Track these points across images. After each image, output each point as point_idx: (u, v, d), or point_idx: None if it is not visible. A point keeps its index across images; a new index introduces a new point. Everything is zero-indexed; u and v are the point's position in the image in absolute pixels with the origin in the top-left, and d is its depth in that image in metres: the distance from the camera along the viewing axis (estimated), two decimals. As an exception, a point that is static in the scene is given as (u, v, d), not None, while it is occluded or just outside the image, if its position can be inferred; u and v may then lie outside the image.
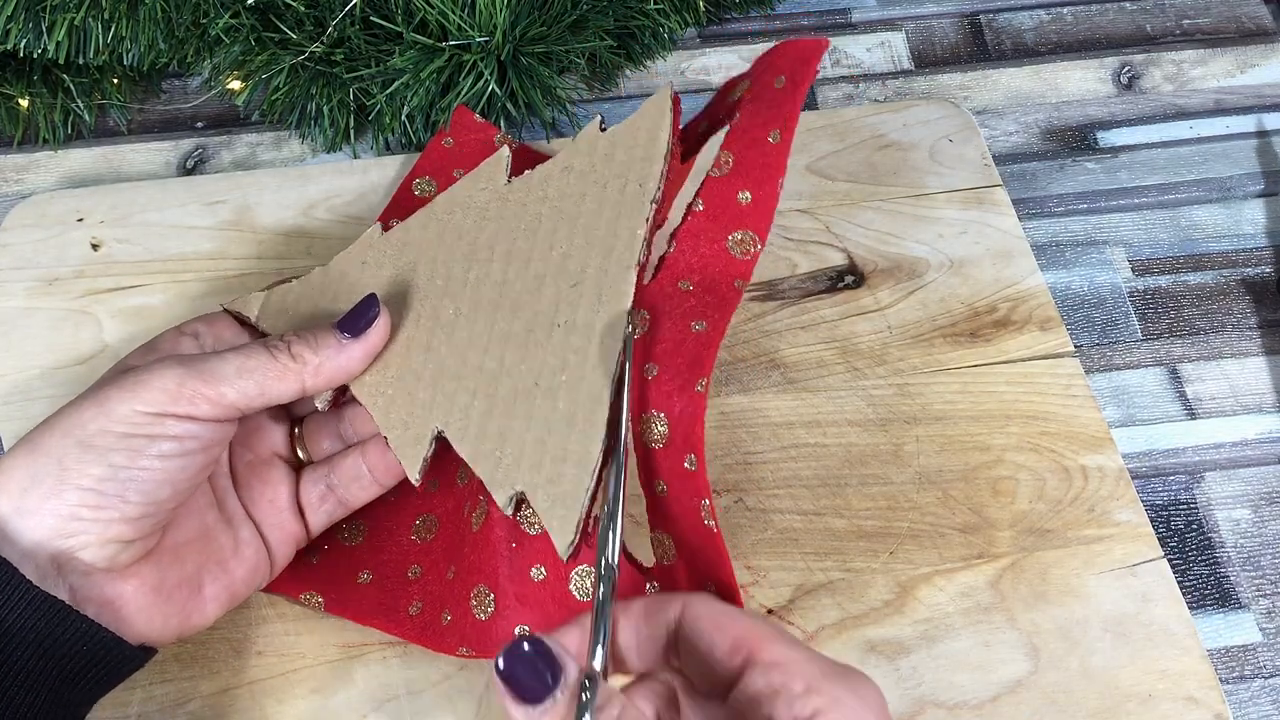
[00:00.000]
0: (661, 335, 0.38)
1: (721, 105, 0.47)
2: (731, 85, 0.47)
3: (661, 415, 0.37)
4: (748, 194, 0.41)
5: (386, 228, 0.45)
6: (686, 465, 0.36)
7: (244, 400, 0.37)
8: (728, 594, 0.35)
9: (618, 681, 0.33)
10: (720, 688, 0.32)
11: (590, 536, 0.37)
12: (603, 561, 0.34)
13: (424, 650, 0.42)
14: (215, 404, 0.36)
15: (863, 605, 0.44)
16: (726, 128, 0.43)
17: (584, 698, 0.29)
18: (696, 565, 0.37)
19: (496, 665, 0.29)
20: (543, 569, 0.38)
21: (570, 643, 0.32)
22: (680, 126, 0.43)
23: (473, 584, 0.39)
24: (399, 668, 0.42)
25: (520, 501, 0.37)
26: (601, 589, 0.33)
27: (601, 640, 0.32)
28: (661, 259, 0.41)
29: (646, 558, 0.38)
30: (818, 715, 0.29)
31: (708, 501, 0.36)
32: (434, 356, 0.41)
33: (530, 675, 0.29)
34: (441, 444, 0.39)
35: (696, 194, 0.42)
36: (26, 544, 0.33)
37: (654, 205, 0.41)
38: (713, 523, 0.36)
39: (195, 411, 0.36)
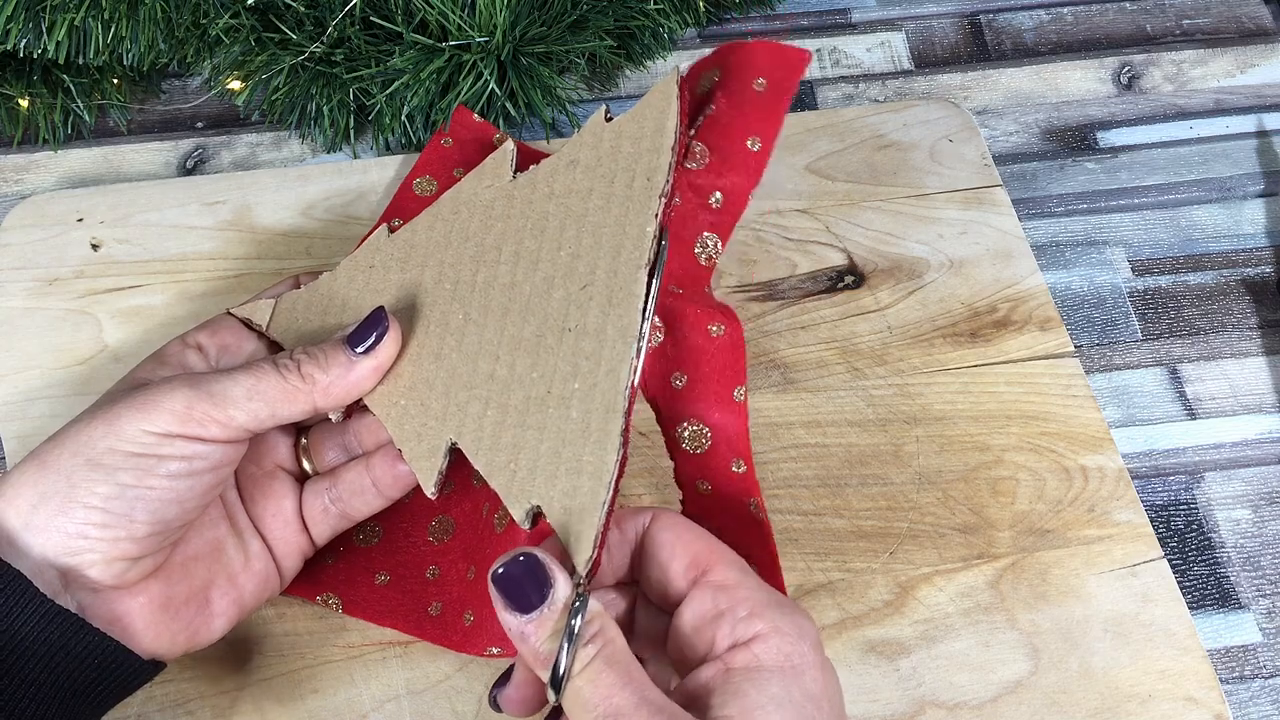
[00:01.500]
0: (679, 341, 0.38)
1: (691, 95, 0.46)
2: (697, 72, 0.45)
3: (704, 428, 0.37)
4: (719, 195, 0.40)
5: (392, 229, 0.44)
6: (734, 469, 0.36)
7: (254, 422, 0.36)
8: (770, 573, 0.35)
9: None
10: (671, 602, 0.33)
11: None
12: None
13: (424, 650, 0.42)
14: (225, 426, 0.36)
15: (863, 605, 0.44)
16: (700, 119, 0.42)
17: (574, 612, 0.30)
18: (738, 546, 0.36)
19: (494, 572, 0.30)
20: None
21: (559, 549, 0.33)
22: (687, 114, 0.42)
23: None
24: (399, 668, 0.42)
25: (537, 516, 0.36)
26: (601, 514, 0.33)
27: (590, 558, 0.33)
28: None
29: None
30: (758, 639, 0.31)
31: (756, 500, 0.36)
32: (445, 364, 0.40)
33: (525, 585, 0.30)
34: (456, 454, 0.39)
35: (673, 189, 0.40)
36: (36, 559, 0.33)
37: (663, 199, 0.39)
38: (763, 516, 0.36)
39: (204, 433, 0.35)
